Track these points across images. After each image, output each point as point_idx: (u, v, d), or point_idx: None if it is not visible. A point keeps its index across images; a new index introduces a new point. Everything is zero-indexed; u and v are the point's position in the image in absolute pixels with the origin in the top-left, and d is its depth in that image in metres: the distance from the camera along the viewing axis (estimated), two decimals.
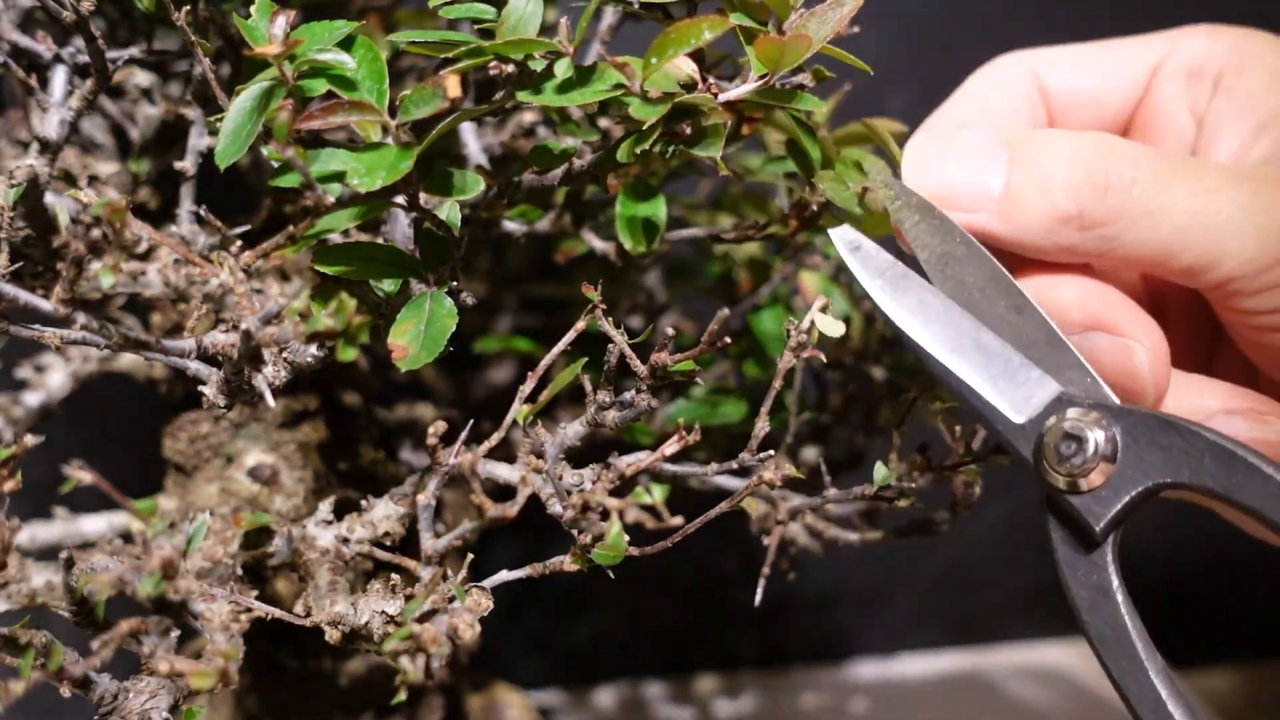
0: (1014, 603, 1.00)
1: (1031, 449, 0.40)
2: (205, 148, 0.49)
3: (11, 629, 0.36)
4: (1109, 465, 0.38)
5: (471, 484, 0.37)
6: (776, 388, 0.43)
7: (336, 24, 0.39)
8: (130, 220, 0.35)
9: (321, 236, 0.41)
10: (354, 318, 0.36)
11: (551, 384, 0.42)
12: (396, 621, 0.39)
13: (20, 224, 0.43)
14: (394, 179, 0.36)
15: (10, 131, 0.54)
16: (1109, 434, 0.38)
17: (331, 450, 0.56)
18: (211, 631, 0.40)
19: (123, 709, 0.37)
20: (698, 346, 0.41)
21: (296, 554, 0.45)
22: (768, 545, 0.53)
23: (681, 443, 0.41)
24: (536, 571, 0.41)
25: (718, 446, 0.58)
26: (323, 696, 0.59)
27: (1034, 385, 0.40)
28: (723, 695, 0.93)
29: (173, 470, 0.55)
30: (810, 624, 0.95)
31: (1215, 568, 0.92)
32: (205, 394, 0.39)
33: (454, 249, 0.41)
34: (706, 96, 0.39)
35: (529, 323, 0.73)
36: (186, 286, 0.49)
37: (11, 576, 0.47)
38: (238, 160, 0.38)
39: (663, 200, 0.47)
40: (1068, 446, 0.39)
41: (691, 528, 0.39)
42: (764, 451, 0.43)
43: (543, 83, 0.39)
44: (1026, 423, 0.40)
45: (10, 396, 0.58)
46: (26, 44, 0.47)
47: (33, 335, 0.38)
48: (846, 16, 0.40)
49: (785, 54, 0.39)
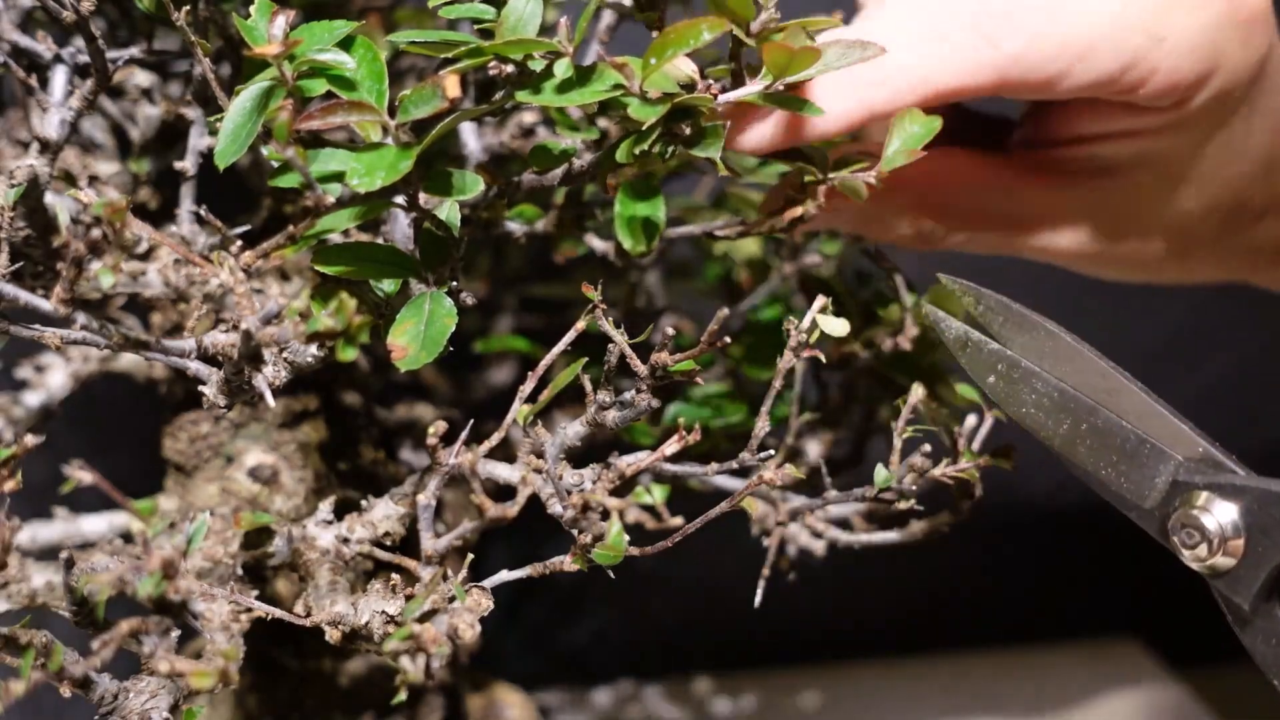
0: (1014, 603, 1.00)
1: (1159, 531, 0.40)
2: (205, 148, 0.49)
3: (12, 629, 0.36)
4: (1237, 543, 0.39)
5: (472, 484, 0.37)
6: (776, 388, 0.43)
7: (336, 24, 0.39)
8: (130, 220, 0.35)
9: (321, 236, 0.40)
10: (354, 318, 0.36)
11: (551, 384, 0.42)
12: (397, 621, 0.39)
13: (20, 224, 0.43)
14: (394, 179, 0.36)
15: (10, 131, 0.54)
16: (1230, 519, 0.39)
17: (332, 450, 0.56)
18: (211, 631, 0.40)
19: (123, 709, 0.37)
20: (698, 346, 0.41)
21: (296, 554, 0.45)
22: (768, 546, 0.53)
23: (681, 443, 0.41)
24: (536, 571, 0.41)
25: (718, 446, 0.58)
26: (323, 696, 0.59)
27: (1154, 463, 0.40)
28: (723, 695, 0.93)
29: (173, 470, 0.55)
30: (810, 624, 0.95)
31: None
32: (205, 394, 0.39)
33: (454, 249, 0.42)
34: (706, 97, 0.39)
35: (529, 323, 0.73)
36: (186, 286, 0.50)
37: (12, 576, 0.47)
38: (238, 160, 0.38)
39: (662, 200, 0.47)
40: (1190, 538, 0.39)
41: (691, 528, 0.39)
42: (764, 451, 0.43)
43: (542, 83, 0.39)
44: (1154, 509, 0.40)
45: (10, 396, 0.58)
46: (26, 44, 0.47)
47: (33, 335, 0.38)
48: (867, 59, 0.40)
49: (794, 62, 0.39)
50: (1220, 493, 0.39)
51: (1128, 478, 0.41)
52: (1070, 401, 0.42)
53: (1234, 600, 0.39)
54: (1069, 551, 0.99)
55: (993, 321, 0.43)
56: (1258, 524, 0.38)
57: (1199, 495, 0.39)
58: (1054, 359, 0.42)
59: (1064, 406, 0.42)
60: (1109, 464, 0.41)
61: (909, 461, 0.46)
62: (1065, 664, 0.97)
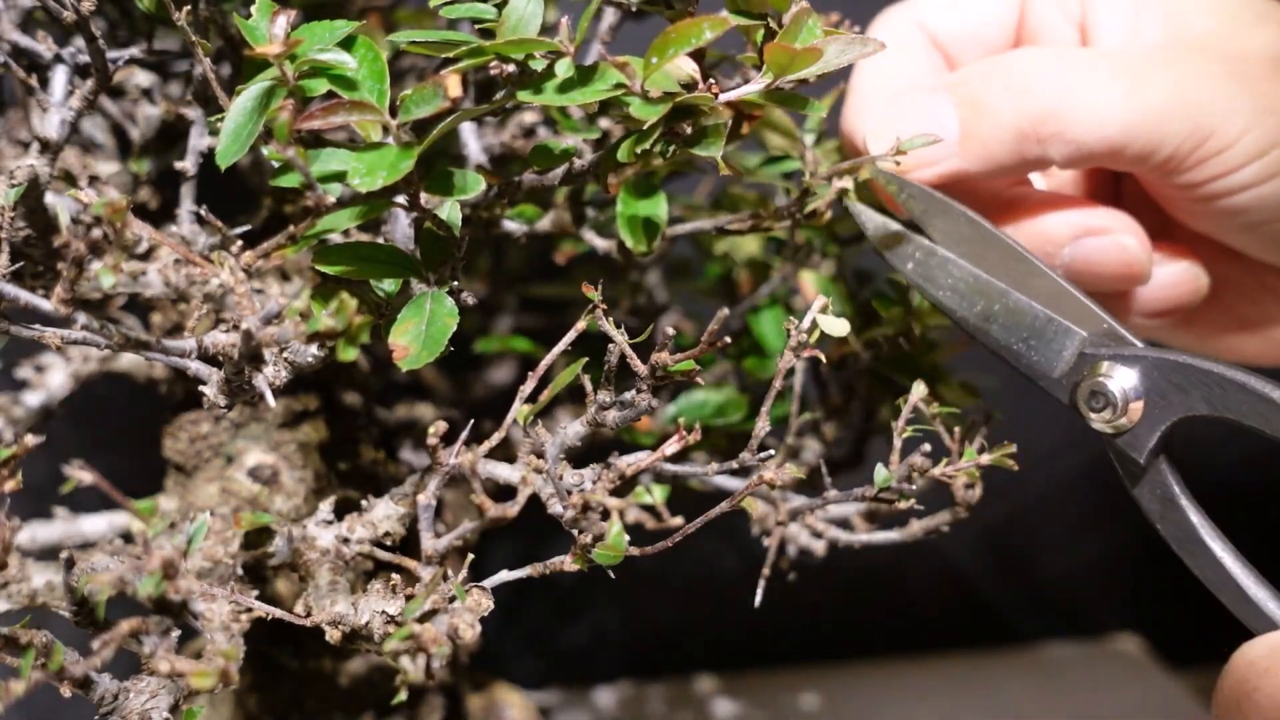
0: (1014, 603, 1.00)
1: (1069, 399, 0.45)
2: (206, 148, 0.49)
3: (12, 629, 0.35)
4: (1138, 405, 0.43)
5: (472, 484, 0.37)
6: (777, 387, 0.43)
7: (337, 24, 0.39)
8: (130, 220, 0.35)
9: (322, 236, 0.40)
10: (354, 318, 0.36)
11: (552, 384, 0.42)
12: (397, 621, 0.39)
13: (20, 224, 0.43)
14: (394, 179, 0.36)
15: (10, 131, 0.54)
16: (1131, 384, 0.43)
17: (332, 450, 0.56)
18: (212, 631, 0.40)
19: (123, 709, 0.37)
20: (698, 346, 0.41)
21: (297, 554, 0.45)
22: (768, 546, 0.53)
23: (681, 443, 0.41)
24: (536, 571, 0.41)
25: (718, 446, 0.58)
26: (323, 696, 0.59)
27: (1062, 339, 0.45)
28: (723, 695, 0.93)
29: (173, 470, 0.55)
30: (810, 624, 0.95)
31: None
32: (205, 394, 0.39)
33: (454, 249, 0.41)
34: (707, 96, 0.39)
35: (529, 323, 0.73)
36: (187, 286, 0.49)
37: (12, 576, 0.47)
38: (238, 160, 0.38)
39: (664, 198, 0.47)
40: (1097, 402, 0.44)
41: (691, 528, 0.39)
42: (764, 451, 0.43)
43: (543, 82, 0.39)
44: (1061, 378, 0.45)
45: (10, 396, 0.58)
46: (27, 44, 0.47)
47: (33, 335, 0.38)
48: (867, 55, 0.40)
49: (795, 62, 0.39)
50: (1123, 361, 0.44)
51: (1038, 351, 0.45)
52: (984, 285, 0.46)
53: (1130, 456, 0.44)
54: (1069, 551, 1.00)
55: (915, 208, 0.47)
56: (1155, 387, 0.43)
57: (1103, 364, 0.44)
58: (971, 244, 0.46)
59: (978, 290, 0.46)
60: (1020, 340, 0.46)
61: (909, 461, 0.46)
62: (1065, 663, 0.97)
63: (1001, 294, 0.46)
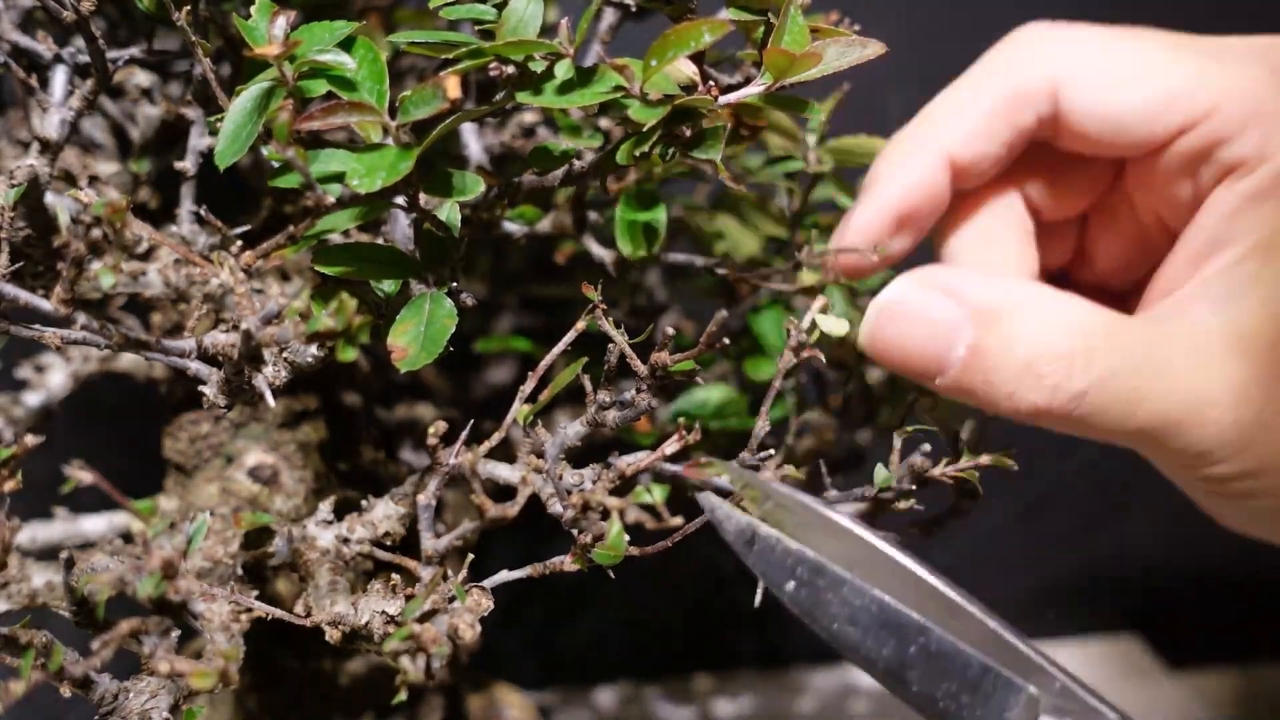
0: (1014, 603, 1.00)
1: None
2: (205, 148, 0.49)
3: (12, 629, 0.36)
4: None
5: (472, 484, 0.37)
6: (776, 387, 0.43)
7: (336, 24, 0.39)
8: (130, 220, 0.35)
9: (321, 237, 0.41)
10: (354, 318, 0.36)
11: (551, 384, 0.42)
12: (397, 621, 0.39)
13: (20, 224, 0.43)
14: (394, 179, 0.36)
15: (10, 131, 0.54)
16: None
17: (332, 450, 0.56)
18: (212, 631, 0.40)
19: (123, 709, 0.37)
20: (697, 346, 0.41)
21: (296, 554, 0.45)
22: None
23: (681, 443, 0.41)
24: (536, 571, 0.41)
25: (718, 446, 0.58)
26: (323, 697, 0.59)
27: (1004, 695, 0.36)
28: (723, 695, 0.93)
29: (173, 470, 0.55)
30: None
31: (1213, 568, 0.92)
32: (205, 394, 0.39)
33: (454, 249, 0.42)
34: (706, 99, 0.39)
35: (529, 323, 0.73)
36: (186, 286, 0.49)
37: (12, 576, 0.47)
38: (238, 160, 0.38)
39: (663, 206, 0.47)
40: None
41: (691, 528, 0.39)
42: (764, 451, 0.43)
43: (543, 84, 0.39)
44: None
45: (10, 396, 0.58)
46: (27, 44, 0.47)
47: (33, 335, 0.38)
48: (867, 57, 0.40)
49: (794, 66, 0.39)
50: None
51: (971, 710, 0.36)
52: (894, 617, 0.36)
53: None
54: (1069, 551, 1.00)
55: (785, 520, 0.37)
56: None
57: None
58: (868, 568, 0.36)
59: (886, 623, 0.36)
60: (948, 695, 0.36)
61: (909, 461, 0.46)
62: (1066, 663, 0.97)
63: (919, 631, 0.36)
